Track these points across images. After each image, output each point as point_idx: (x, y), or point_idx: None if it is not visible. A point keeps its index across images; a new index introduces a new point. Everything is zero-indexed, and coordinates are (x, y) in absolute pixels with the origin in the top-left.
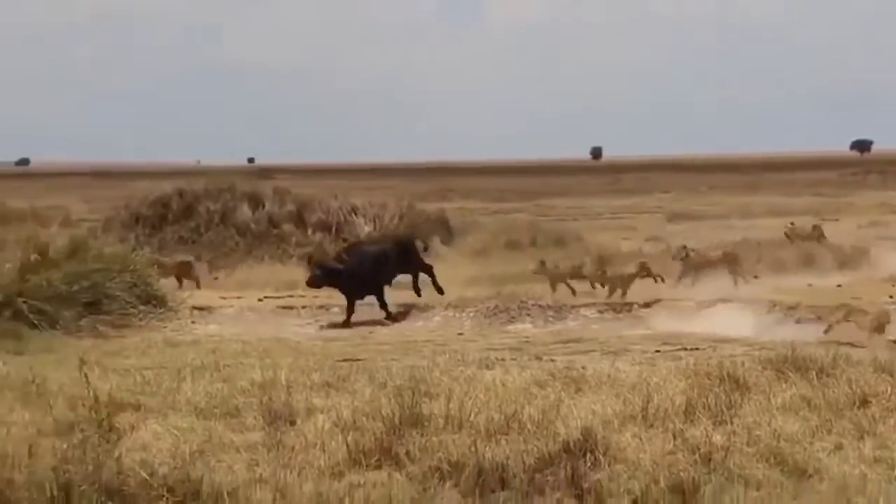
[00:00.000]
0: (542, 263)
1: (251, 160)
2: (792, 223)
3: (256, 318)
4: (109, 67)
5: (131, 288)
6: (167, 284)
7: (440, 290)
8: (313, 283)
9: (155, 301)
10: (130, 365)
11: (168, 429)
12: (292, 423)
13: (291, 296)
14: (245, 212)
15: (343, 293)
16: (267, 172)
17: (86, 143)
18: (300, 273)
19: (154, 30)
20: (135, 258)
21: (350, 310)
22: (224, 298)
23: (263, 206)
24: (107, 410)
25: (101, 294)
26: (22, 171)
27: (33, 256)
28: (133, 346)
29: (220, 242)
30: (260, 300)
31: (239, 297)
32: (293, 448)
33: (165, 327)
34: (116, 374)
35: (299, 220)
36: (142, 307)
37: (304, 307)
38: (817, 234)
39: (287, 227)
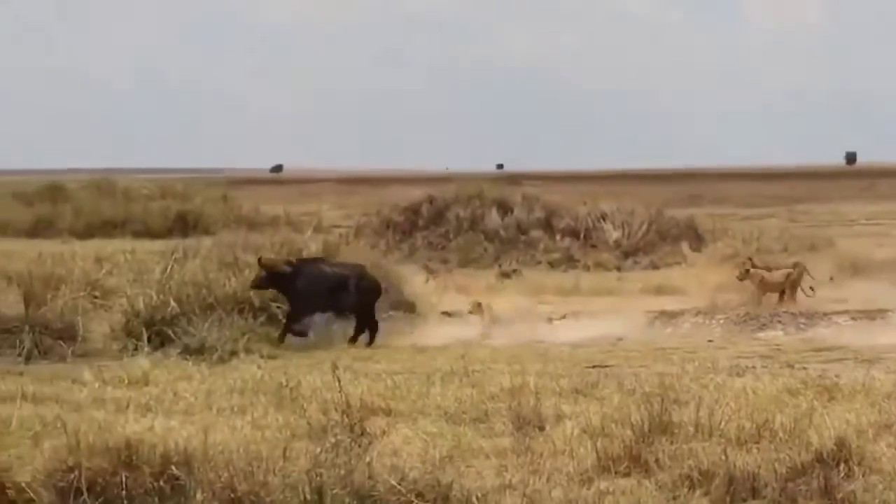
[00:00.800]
0: (747, 270)
1: (500, 166)
2: None
3: (505, 323)
4: (363, 75)
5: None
6: (418, 290)
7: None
8: (257, 284)
9: (405, 306)
10: (381, 369)
11: (418, 433)
12: (541, 428)
13: (540, 302)
14: (494, 218)
15: (288, 301)
16: (516, 178)
17: (338, 150)
18: (551, 279)
19: (417, 36)
20: (385, 264)
21: (289, 323)
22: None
23: (512, 213)
24: (359, 415)
25: None
26: (276, 178)
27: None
28: (383, 351)
29: (469, 248)
30: (509, 306)
31: (488, 303)
32: (542, 454)
33: (415, 332)
34: (367, 379)
35: (548, 226)
36: (392, 312)
37: (552, 313)
38: None
39: (535, 234)
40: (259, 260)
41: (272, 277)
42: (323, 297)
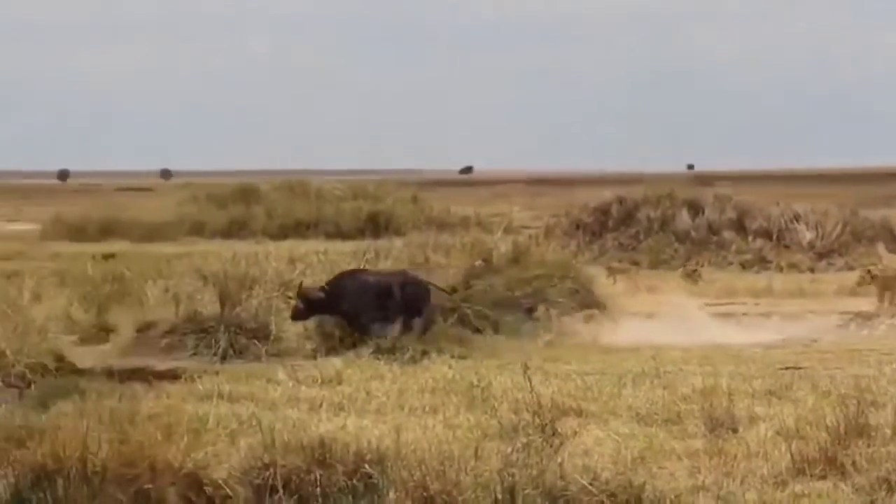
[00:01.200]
0: (869, 273)
1: (691, 166)
2: None
3: (697, 325)
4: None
5: (572, 294)
6: (608, 291)
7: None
8: (296, 315)
9: (595, 306)
10: (572, 370)
11: (610, 434)
12: (734, 430)
13: (732, 303)
14: (684, 219)
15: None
16: (707, 179)
17: (527, 151)
18: (742, 280)
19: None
20: (576, 265)
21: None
22: (664, 305)
23: (703, 213)
24: (550, 415)
25: (542, 299)
26: (466, 179)
27: (478, 262)
28: (574, 352)
29: (659, 249)
30: (700, 307)
31: (679, 304)
32: (735, 456)
33: (605, 333)
34: (558, 379)
35: (739, 227)
36: (582, 312)
37: (744, 314)
38: None
39: (727, 234)
40: (299, 288)
41: (310, 305)
42: (371, 307)
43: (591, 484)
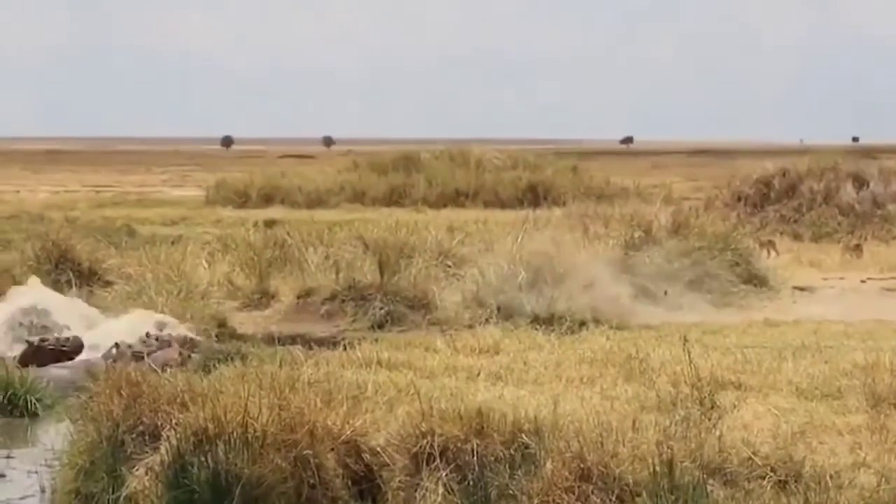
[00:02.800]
0: None
1: (855, 139)
2: None
3: (859, 299)
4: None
5: (732, 267)
6: (770, 264)
7: None
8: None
9: (756, 280)
10: (731, 343)
11: (769, 408)
12: None
13: (895, 278)
14: (849, 192)
15: None
16: (871, 152)
17: (689, 121)
18: None
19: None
20: (737, 237)
21: None
22: (826, 279)
23: (868, 186)
24: (708, 388)
25: (702, 272)
26: (626, 150)
27: (637, 233)
28: (733, 325)
29: (822, 223)
30: (863, 281)
31: (841, 278)
32: None
33: (766, 307)
34: (717, 352)
35: None
36: (743, 286)
37: None
38: None
39: (892, 208)
40: None
41: None
42: None
43: (749, 458)
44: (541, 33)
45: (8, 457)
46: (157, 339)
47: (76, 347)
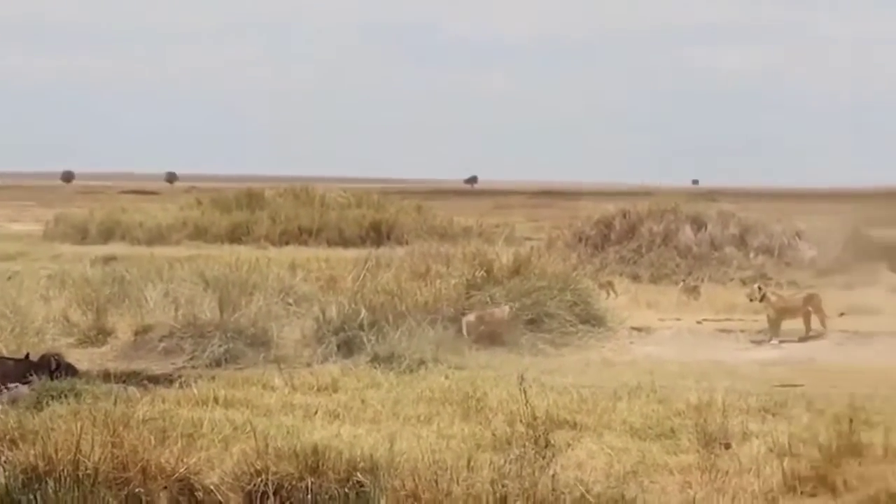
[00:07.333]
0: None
1: (695, 182)
2: None
3: (695, 340)
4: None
5: (571, 307)
6: (608, 304)
7: None
8: None
9: (594, 321)
10: (568, 383)
11: (602, 448)
12: (727, 446)
13: (730, 319)
14: (687, 234)
15: None
16: (711, 195)
17: (532, 162)
18: (742, 296)
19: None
20: (576, 277)
21: None
22: (662, 320)
23: (706, 228)
24: (543, 427)
25: (542, 312)
26: (470, 189)
27: (479, 273)
28: (571, 365)
29: (660, 264)
30: (699, 322)
31: (678, 319)
32: (727, 472)
33: (604, 347)
34: (554, 392)
35: (742, 242)
36: (581, 326)
37: (742, 331)
38: None
39: (729, 250)
40: None
41: None
42: None
43: (583, 497)
44: (391, 74)
45: None
46: None
47: None
